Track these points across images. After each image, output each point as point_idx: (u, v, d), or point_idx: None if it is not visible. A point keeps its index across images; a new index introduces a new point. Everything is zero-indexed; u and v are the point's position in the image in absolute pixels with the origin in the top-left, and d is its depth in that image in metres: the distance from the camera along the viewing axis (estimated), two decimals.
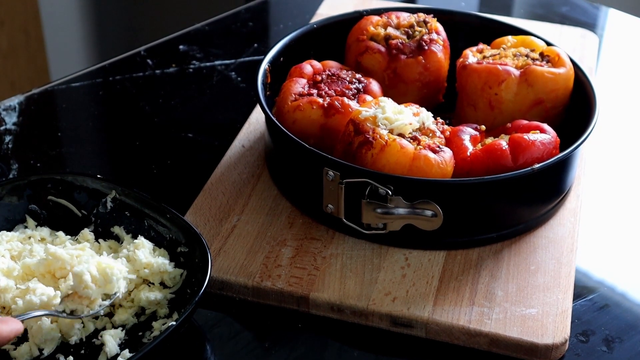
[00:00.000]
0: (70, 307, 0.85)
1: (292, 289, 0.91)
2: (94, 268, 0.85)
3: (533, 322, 0.87)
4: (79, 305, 0.85)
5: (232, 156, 1.09)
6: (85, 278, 0.85)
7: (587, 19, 1.50)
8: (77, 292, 0.85)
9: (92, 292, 0.85)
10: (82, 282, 0.84)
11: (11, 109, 1.21)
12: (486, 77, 1.04)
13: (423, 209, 0.90)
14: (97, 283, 0.85)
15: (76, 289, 0.85)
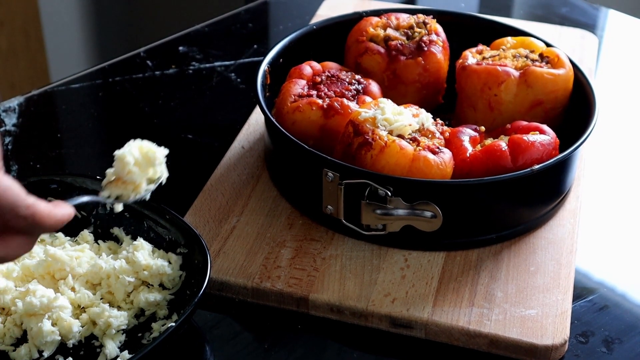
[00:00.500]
0: (115, 193, 0.82)
1: (291, 290, 0.91)
2: (136, 151, 0.82)
3: (533, 323, 0.87)
4: (124, 191, 0.83)
5: (232, 157, 1.09)
6: (128, 160, 0.81)
7: (587, 20, 1.50)
8: (121, 177, 0.82)
9: (136, 177, 0.82)
10: (125, 166, 0.81)
11: (11, 110, 1.21)
12: (486, 78, 1.04)
13: (422, 210, 0.90)
14: (140, 167, 0.82)
15: (119, 174, 0.82)
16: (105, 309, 0.85)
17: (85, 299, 0.87)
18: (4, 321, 0.86)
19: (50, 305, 0.85)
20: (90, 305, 0.87)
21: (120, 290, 0.87)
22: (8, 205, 0.71)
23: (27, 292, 0.86)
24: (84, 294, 0.87)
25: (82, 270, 0.89)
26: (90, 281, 0.89)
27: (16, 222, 0.71)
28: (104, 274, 0.88)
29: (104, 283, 0.88)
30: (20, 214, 0.71)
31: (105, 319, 0.85)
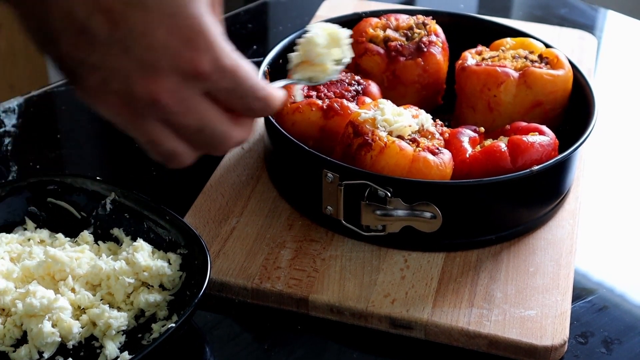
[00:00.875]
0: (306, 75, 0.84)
1: (291, 290, 0.91)
2: (323, 33, 0.83)
3: (532, 323, 0.88)
4: (313, 73, 0.85)
5: (232, 158, 1.09)
6: (318, 42, 0.83)
7: (586, 20, 1.50)
8: (309, 59, 0.84)
9: (324, 58, 0.83)
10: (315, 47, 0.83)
11: (10, 111, 1.21)
12: (485, 79, 1.04)
13: (422, 210, 0.90)
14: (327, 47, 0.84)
15: (308, 57, 0.83)
16: (105, 310, 0.85)
17: (85, 300, 0.87)
18: (4, 322, 0.86)
19: (51, 306, 0.85)
20: (90, 306, 0.87)
21: (120, 291, 0.87)
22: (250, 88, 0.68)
23: (27, 293, 0.86)
24: (84, 295, 0.87)
25: (82, 271, 0.89)
26: (90, 282, 0.89)
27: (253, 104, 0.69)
28: (103, 275, 0.88)
29: (104, 284, 0.88)
30: (259, 95, 0.69)
31: (105, 320, 0.85)
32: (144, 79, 0.64)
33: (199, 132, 0.68)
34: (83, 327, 0.86)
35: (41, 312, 0.85)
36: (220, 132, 0.69)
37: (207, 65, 0.65)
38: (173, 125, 0.67)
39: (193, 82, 0.65)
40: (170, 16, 0.62)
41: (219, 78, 0.66)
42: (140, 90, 0.64)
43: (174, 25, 0.63)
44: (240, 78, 0.67)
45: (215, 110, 0.68)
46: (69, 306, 0.86)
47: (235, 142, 0.71)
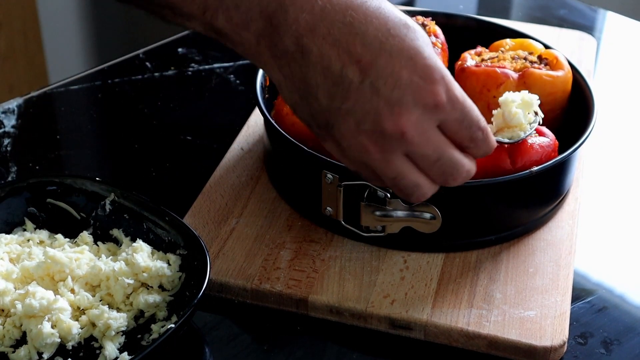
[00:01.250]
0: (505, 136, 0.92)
1: (290, 291, 0.91)
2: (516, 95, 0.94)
3: (531, 324, 0.88)
4: (512, 133, 0.92)
5: (231, 159, 1.10)
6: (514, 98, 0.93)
7: (585, 22, 1.50)
8: (507, 122, 0.93)
9: (520, 117, 0.92)
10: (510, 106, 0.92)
11: (10, 111, 1.21)
12: (484, 79, 1.04)
13: (421, 211, 0.90)
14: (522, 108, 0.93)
15: (506, 120, 0.92)
16: (104, 310, 0.85)
17: (84, 300, 0.87)
18: (3, 323, 0.86)
19: (50, 307, 0.85)
20: (89, 307, 0.87)
21: (119, 292, 0.87)
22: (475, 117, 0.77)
23: (27, 294, 0.86)
24: (83, 295, 0.87)
25: (81, 272, 0.89)
26: (90, 283, 0.89)
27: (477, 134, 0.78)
28: (103, 276, 0.88)
29: (103, 285, 0.88)
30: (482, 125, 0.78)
31: (104, 321, 0.85)
32: (393, 115, 0.73)
33: (436, 162, 0.77)
34: (82, 327, 0.86)
35: (40, 313, 0.85)
36: (454, 161, 0.77)
37: (443, 96, 0.74)
38: (415, 156, 0.76)
39: (431, 114, 0.74)
40: (410, 58, 0.73)
41: (451, 109, 0.75)
42: (389, 126, 0.74)
43: (414, 65, 0.73)
44: (467, 108, 0.76)
45: (448, 141, 0.77)
46: (68, 307, 0.86)
47: (466, 171, 0.79)
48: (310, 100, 0.76)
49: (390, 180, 0.78)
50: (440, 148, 0.76)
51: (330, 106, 0.75)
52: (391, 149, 0.75)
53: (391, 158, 0.76)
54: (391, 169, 0.77)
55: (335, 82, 0.74)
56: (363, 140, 0.75)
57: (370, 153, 0.76)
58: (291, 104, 0.78)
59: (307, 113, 0.77)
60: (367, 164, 0.77)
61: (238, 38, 0.78)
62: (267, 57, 0.77)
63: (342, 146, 0.77)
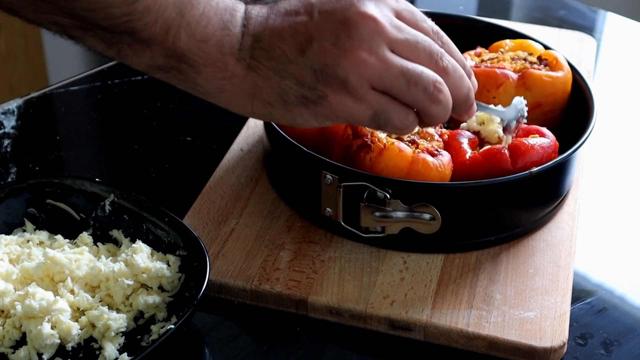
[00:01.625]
0: None
1: (290, 292, 0.91)
2: None
3: (531, 325, 0.87)
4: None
5: (231, 160, 1.10)
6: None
7: (585, 22, 1.50)
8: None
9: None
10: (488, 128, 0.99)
11: (10, 112, 1.21)
12: (484, 80, 1.04)
13: (421, 212, 0.90)
14: None
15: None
16: (104, 311, 0.85)
17: (84, 301, 0.87)
18: (3, 323, 0.86)
19: (50, 308, 0.85)
20: (89, 308, 0.87)
21: (119, 293, 0.87)
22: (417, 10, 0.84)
23: (27, 295, 0.86)
24: (83, 296, 0.87)
25: (81, 273, 0.89)
26: (89, 284, 0.89)
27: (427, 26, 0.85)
28: (102, 277, 0.88)
29: (103, 286, 0.88)
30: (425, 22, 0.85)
31: (104, 322, 0.85)
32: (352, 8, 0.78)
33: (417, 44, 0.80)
34: (82, 328, 0.86)
35: (40, 314, 0.85)
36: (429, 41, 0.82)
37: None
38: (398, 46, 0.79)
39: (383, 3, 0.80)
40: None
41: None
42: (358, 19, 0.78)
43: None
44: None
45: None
46: (68, 308, 0.86)
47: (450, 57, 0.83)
48: (288, 68, 0.79)
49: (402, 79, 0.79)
50: (410, 31, 0.81)
51: (305, 55, 0.78)
52: (378, 44, 0.78)
53: (383, 54, 0.78)
54: (393, 66, 0.79)
55: (293, 35, 0.78)
56: (351, 55, 0.77)
57: (367, 63, 0.78)
58: (277, 93, 0.80)
59: (295, 85, 0.79)
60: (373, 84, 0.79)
61: (201, 55, 0.78)
62: (233, 65, 0.79)
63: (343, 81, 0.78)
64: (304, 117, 0.82)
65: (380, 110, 0.80)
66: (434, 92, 0.80)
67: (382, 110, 0.80)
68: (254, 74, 0.80)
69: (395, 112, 0.81)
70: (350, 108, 0.80)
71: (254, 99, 0.81)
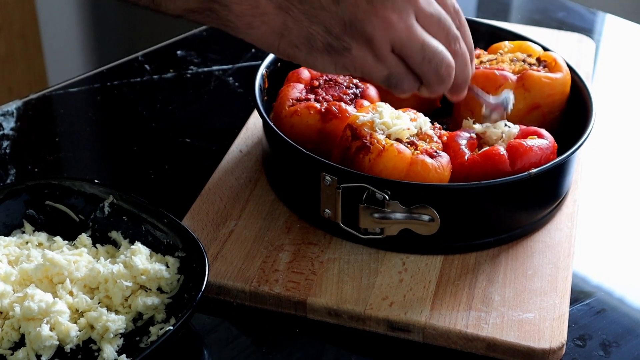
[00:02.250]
0: None
1: (289, 293, 0.91)
2: None
3: (530, 326, 0.88)
4: None
5: (230, 161, 1.10)
6: None
7: (584, 24, 1.50)
8: None
9: None
10: None
11: (9, 114, 1.21)
12: (483, 81, 1.04)
13: (420, 213, 0.90)
14: None
15: None
16: (103, 313, 0.85)
17: (83, 303, 0.87)
18: (2, 325, 0.86)
19: (49, 310, 0.85)
20: (88, 309, 0.87)
21: (117, 294, 0.87)
22: None
23: (25, 297, 0.86)
24: (82, 298, 0.87)
25: (80, 275, 0.89)
26: (88, 285, 0.89)
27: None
28: (101, 279, 0.88)
29: (102, 287, 0.88)
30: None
31: (103, 323, 0.85)
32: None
33: (439, 21, 0.84)
34: (81, 330, 0.86)
35: (39, 316, 0.85)
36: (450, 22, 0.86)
37: None
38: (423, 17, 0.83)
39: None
40: None
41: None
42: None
43: None
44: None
45: None
46: (67, 309, 0.86)
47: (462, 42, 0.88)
48: (319, 14, 0.80)
49: (420, 52, 0.83)
50: (436, 6, 0.84)
51: (339, 5, 0.80)
52: (407, 10, 0.81)
53: (411, 23, 0.82)
54: (417, 36, 0.82)
55: None
56: (381, 14, 0.80)
57: (394, 26, 0.81)
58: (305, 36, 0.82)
59: (323, 32, 0.81)
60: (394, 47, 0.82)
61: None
62: (265, 4, 0.80)
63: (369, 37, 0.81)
64: (324, 63, 0.84)
65: (395, 74, 0.84)
66: (443, 74, 0.85)
67: (396, 73, 0.84)
68: (285, 14, 0.81)
69: (407, 79, 0.85)
70: (370, 64, 0.83)
71: (281, 38, 0.83)
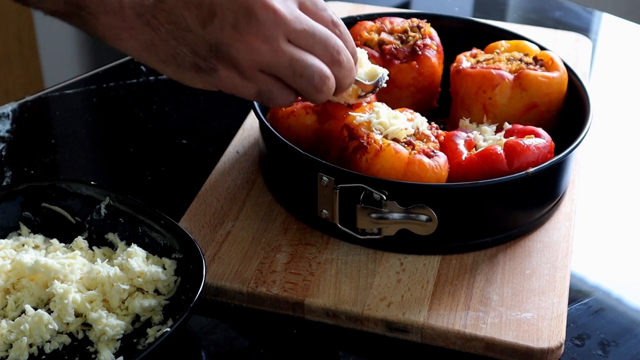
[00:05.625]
0: None
1: (287, 294, 0.90)
2: None
3: (528, 326, 0.87)
4: None
5: (227, 162, 1.09)
6: None
7: (581, 23, 1.50)
8: None
9: None
10: None
11: (4, 116, 1.21)
12: (480, 81, 1.04)
13: (418, 213, 0.90)
14: None
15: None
16: (102, 315, 0.85)
17: (83, 305, 0.87)
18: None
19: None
20: (86, 310, 0.87)
21: (115, 297, 0.87)
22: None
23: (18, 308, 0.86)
24: (82, 299, 0.87)
25: (75, 277, 0.88)
26: (87, 287, 0.89)
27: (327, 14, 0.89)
28: (98, 281, 0.88)
29: (99, 290, 0.88)
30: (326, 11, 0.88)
31: (102, 327, 0.84)
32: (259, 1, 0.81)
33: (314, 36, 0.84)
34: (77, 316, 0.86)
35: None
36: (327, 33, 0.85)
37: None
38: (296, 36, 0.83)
39: None
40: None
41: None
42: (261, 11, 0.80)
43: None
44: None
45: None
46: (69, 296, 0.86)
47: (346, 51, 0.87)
48: (186, 36, 0.81)
49: (289, 69, 0.83)
50: (309, 22, 0.84)
51: (205, 29, 0.81)
52: (274, 34, 0.81)
53: (278, 45, 0.82)
54: (284, 56, 0.82)
55: (198, 6, 0.80)
56: (246, 39, 0.81)
57: (259, 50, 0.81)
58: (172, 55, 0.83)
59: (189, 53, 0.82)
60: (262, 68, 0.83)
61: (100, 5, 0.80)
62: (132, 19, 0.81)
63: (234, 61, 0.82)
64: (193, 80, 0.85)
65: (264, 90, 0.85)
66: (318, 84, 0.85)
67: (266, 90, 0.85)
68: (153, 32, 0.82)
69: (279, 93, 0.86)
70: (237, 84, 0.84)
71: (149, 54, 0.83)
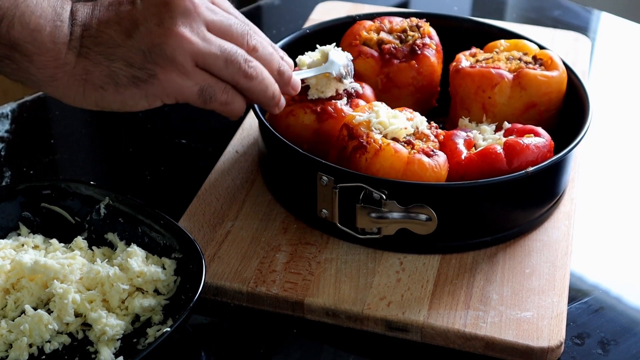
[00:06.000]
0: None
1: (286, 294, 0.90)
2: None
3: (528, 325, 0.87)
4: None
5: (226, 162, 1.09)
6: None
7: (580, 22, 1.50)
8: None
9: None
10: None
11: (3, 116, 1.21)
12: (479, 80, 1.04)
13: (417, 213, 0.90)
14: None
15: None
16: (102, 315, 0.85)
17: (83, 305, 0.87)
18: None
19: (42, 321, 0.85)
20: (86, 310, 0.87)
21: (114, 297, 0.87)
22: None
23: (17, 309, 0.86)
24: (82, 299, 0.87)
25: (74, 278, 0.88)
26: (87, 287, 0.89)
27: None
28: (98, 281, 0.88)
29: (99, 289, 0.88)
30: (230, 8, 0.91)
31: (101, 327, 0.84)
32: None
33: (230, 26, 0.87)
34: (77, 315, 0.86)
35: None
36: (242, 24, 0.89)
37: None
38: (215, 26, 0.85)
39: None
40: None
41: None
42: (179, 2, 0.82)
43: None
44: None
45: None
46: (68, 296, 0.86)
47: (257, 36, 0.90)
48: (116, 52, 0.83)
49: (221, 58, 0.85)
50: (224, 14, 0.87)
51: (132, 38, 0.82)
52: (196, 24, 0.84)
53: (205, 34, 0.84)
54: (213, 45, 0.85)
55: (119, 21, 0.83)
56: (175, 33, 0.82)
57: (190, 40, 0.83)
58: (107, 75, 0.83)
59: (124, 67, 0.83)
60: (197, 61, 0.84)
61: (34, 44, 0.81)
62: (65, 53, 0.82)
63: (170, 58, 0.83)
64: (135, 98, 0.86)
65: (205, 86, 0.86)
66: (246, 69, 0.86)
67: (207, 85, 0.86)
68: (85, 59, 0.83)
69: (218, 87, 0.87)
70: (179, 84, 0.85)
71: (85, 84, 0.84)
